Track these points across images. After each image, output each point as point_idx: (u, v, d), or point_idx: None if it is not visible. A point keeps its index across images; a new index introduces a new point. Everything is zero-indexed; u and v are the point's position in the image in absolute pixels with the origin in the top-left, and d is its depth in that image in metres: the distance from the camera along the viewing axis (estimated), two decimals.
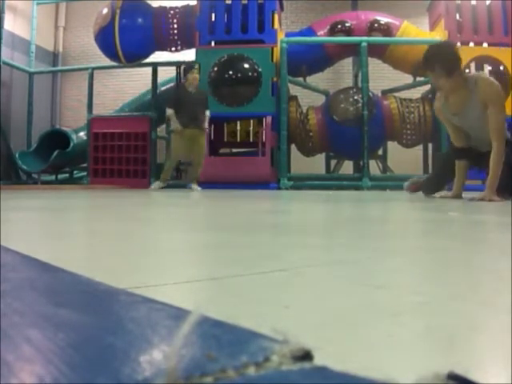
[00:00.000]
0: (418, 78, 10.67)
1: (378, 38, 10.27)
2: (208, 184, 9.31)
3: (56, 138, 11.26)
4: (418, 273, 1.12)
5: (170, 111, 8.91)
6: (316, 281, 0.96)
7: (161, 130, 12.24)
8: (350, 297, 0.81)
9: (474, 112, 4.83)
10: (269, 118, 9.62)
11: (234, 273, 1.04)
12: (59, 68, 14.42)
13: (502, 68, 9.62)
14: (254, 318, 0.64)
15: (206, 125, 9.22)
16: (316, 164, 11.27)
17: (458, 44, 9.86)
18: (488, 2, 9.99)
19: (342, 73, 13.31)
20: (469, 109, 4.86)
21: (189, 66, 9.61)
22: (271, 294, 0.83)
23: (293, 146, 10.68)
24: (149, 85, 11.89)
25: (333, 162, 11.35)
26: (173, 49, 11.34)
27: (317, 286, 0.90)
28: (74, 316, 0.61)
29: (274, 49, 9.85)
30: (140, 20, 10.84)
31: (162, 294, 0.78)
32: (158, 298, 0.71)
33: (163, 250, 1.49)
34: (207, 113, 9.16)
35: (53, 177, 11.91)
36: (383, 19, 10.55)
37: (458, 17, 10.01)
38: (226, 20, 10.18)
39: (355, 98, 10.10)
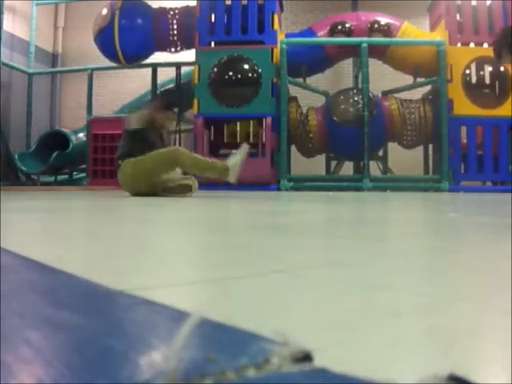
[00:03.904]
0: (419, 79, 10.65)
1: (378, 39, 10.25)
2: (208, 185, 9.31)
3: (55, 139, 11.25)
4: (418, 274, 1.12)
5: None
6: (316, 282, 0.96)
7: None
8: (350, 298, 0.81)
9: None
10: (269, 119, 9.63)
11: (234, 274, 1.04)
12: (58, 69, 14.39)
13: (502, 69, 9.61)
14: (254, 320, 0.64)
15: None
16: (316, 165, 11.25)
17: (459, 44, 9.89)
18: (488, 3, 9.98)
19: (342, 74, 13.28)
20: None
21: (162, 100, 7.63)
22: (271, 296, 0.83)
23: (293, 147, 10.67)
24: (148, 86, 11.88)
25: (333, 163, 11.31)
26: (172, 49, 11.32)
27: (317, 288, 0.90)
28: (74, 318, 0.61)
29: (274, 50, 9.84)
30: (139, 21, 10.83)
31: (161, 296, 0.78)
32: (157, 300, 0.71)
33: (162, 251, 1.48)
34: None
35: (52, 178, 11.89)
36: (383, 20, 10.53)
37: (458, 17, 10.01)
38: (225, 21, 10.15)
39: (355, 98, 10.09)
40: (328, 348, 0.54)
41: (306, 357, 0.45)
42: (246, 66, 9.87)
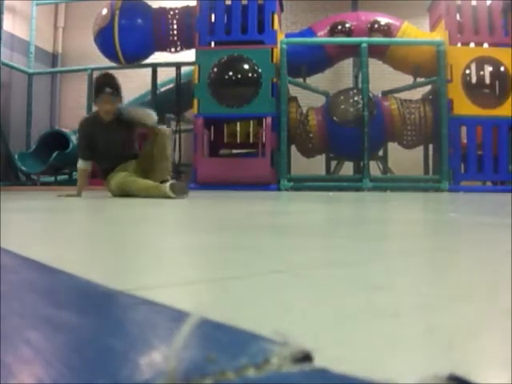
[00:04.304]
0: (419, 79, 10.64)
1: (378, 39, 10.24)
2: (208, 185, 9.31)
3: (55, 139, 11.24)
4: (418, 274, 1.11)
5: (80, 165, 6.40)
6: (316, 282, 0.96)
7: None
8: (350, 298, 0.81)
9: None
10: (269, 119, 9.61)
11: (234, 274, 1.04)
12: (58, 69, 14.38)
13: (502, 69, 9.61)
14: (254, 321, 0.64)
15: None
16: (316, 165, 11.25)
17: (459, 44, 9.90)
18: (488, 3, 9.97)
19: (342, 74, 13.27)
20: None
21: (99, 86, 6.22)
22: (271, 296, 0.83)
23: (293, 147, 10.66)
24: (148, 86, 11.87)
25: (333, 163, 11.31)
26: (172, 49, 11.31)
27: (317, 288, 0.90)
28: (74, 318, 0.61)
29: (274, 50, 9.82)
30: (139, 21, 10.82)
31: (161, 296, 0.78)
32: (157, 300, 0.71)
33: (161, 251, 1.48)
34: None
35: (52, 178, 11.89)
36: (383, 20, 10.51)
37: (458, 17, 10.00)
38: (225, 21, 10.13)
39: (355, 99, 10.07)
40: (328, 348, 0.54)
41: (306, 357, 0.45)
42: (246, 66, 9.86)
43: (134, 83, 13.30)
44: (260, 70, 9.75)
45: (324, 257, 1.33)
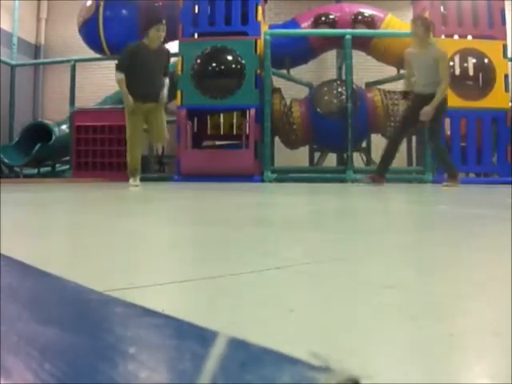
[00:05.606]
0: (402, 71, 10.65)
1: (362, 31, 10.25)
2: (191, 177, 9.29)
3: (38, 131, 11.18)
4: (421, 270, 1.11)
5: (119, 76, 7.03)
6: (318, 280, 0.94)
7: None
8: (357, 297, 0.80)
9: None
10: (252, 111, 9.58)
11: (229, 271, 1.01)
12: (41, 60, 14.29)
13: (486, 61, 9.64)
14: (258, 324, 0.62)
15: (165, 95, 7.60)
16: (299, 156, 11.26)
17: (443, 36, 9.91)
18: None
19: (325, 65, 13.27)
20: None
21: (153, 19, 7.45)
22: (271, 295, 0.81)
23: (276, 139, 10.66)
24: None
25: (316, 155, 11.33)
26: None
27: (320, 286, 0.88)
28: (64, 337, 0.54)
29: (258, 41, 9.79)
30: (124, 11, 10.75)
31: (154, 296, 0.76)
32: (149, 300, 0.69)
33: (151, 246, 1.46)
34: (166, 80, 7.48)
35: (35, 170, 11.82)
36: (367, 11, 10.54)
37: (442, 9, 10.01)
38: (209, 12, 10.11)
39: (339, 90, 10.08)
40: (351, 358, 0.53)
41: None
42: (230, 58, 9.82)
43: None
44: (243, 62, 9.71)
45: (322, 251, 1.31)
